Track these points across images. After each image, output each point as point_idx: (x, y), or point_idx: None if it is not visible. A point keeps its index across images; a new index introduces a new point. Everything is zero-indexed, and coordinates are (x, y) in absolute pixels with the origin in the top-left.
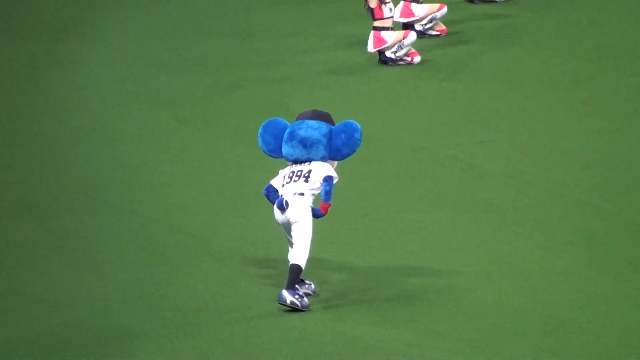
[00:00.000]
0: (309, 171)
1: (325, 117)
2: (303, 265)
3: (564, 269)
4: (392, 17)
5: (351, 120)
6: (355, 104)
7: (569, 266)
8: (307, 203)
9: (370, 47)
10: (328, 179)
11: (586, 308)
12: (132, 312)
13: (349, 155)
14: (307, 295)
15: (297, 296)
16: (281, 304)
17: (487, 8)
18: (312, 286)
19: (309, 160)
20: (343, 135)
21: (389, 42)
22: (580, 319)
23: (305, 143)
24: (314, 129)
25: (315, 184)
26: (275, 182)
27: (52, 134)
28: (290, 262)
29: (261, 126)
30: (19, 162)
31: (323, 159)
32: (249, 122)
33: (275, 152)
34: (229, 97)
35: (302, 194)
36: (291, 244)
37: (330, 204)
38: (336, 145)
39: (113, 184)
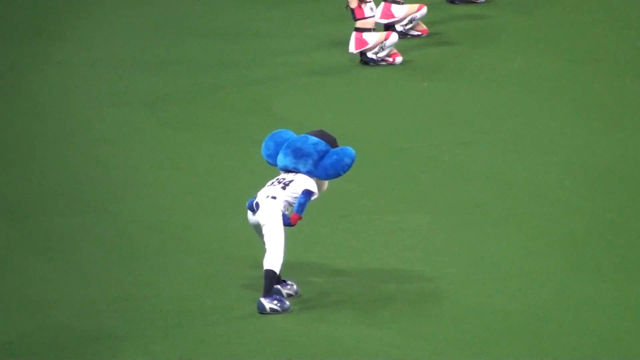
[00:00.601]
0: (291, 181)
1: (329, 139)
2: (277, 270)
3: (546, 270)
4: (373, 16)
5: (349, 148)
6: (336, 105)
7: (551, 267)
8: (277, 207)
9: (352, 48)
10: (306, 193)
11: (568, 309)
12: (115, 314)
13: (333, 176)
14: (289, 296)
15: (275, 301)
16: (261, 312)
17: (468, 9)
18: (295, 287)
19: (296, 171)
20: (334, 157)
21: (371, 43)
22: (562, 319)
23: (297, 153)
24: (311, 144)
25: (293, 194)
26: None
27: (33, 135)
28: (265, 268)
29: (270, 133)
30: None
31: (309, 173)
32: (230, 122)
33: (271, 157)
34: (211, 98)
35: (275, 198)
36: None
37: (300, 217)
38: (324, 164)
39: (95, 185)
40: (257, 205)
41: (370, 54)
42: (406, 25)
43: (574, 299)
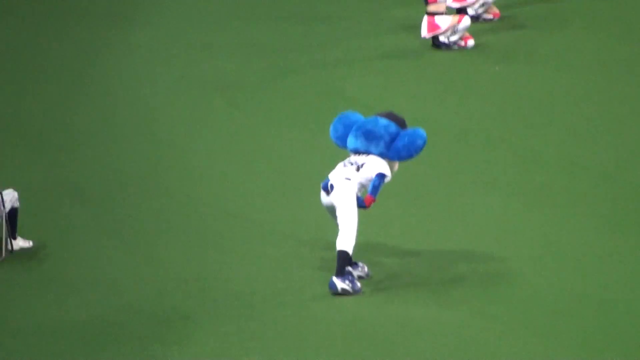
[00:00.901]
0: (363, 164)
1: (398, 120)
2: (350, 251)
3: (617, 251)
4: (445, 1)
5: (420, 129)
6: (408, 88)
7: (622, 248)
8: (352, 189)
9: (424, 32)
10: (380, 175)
11: (638, 289)
12: (186, 295)
13: (407, 158)
14: (360, 278)
15: (347, 282)
16: (333, 292)
17: None
18: (365, 269)
19: (368, 153)
20: (407, 139)
21: (443, 27)
22: (633, 300)
23: (368, 135)
24: (382, 126)
25: (366, 176)
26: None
27: (107, 119)
28: (338, 249)
29: (338, 115)
30: (74, 147)
31: (381, 155)
32: (302, 106)
33: (340, 139)
34: (283, 82)
35: (349, 179)
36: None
37: (375, 199)
38: (397, 146)
39: (166, 168)
40: (332, 186)
41: (442, 38)
42: (478, 8)
43: None
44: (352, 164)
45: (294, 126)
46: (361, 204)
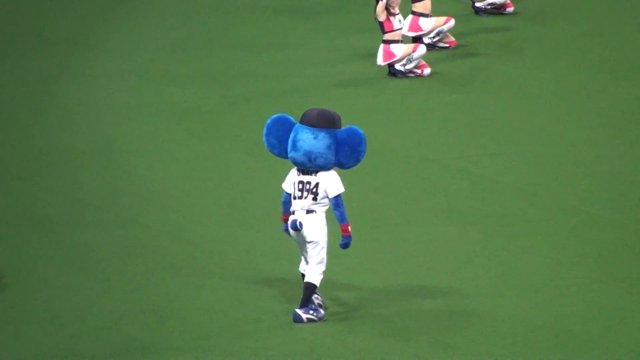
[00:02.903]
0: (317, 184)
1: (330, 122)
2: (318, 284)
3: (575, 282)
4: (401, 28)
5: (355, 129)
6: (365, 116)
7: (580, 279)
8: (320, 221)
9: (380, 60)
10: (336, 200)
11: (597, 321)
12: (143, 325)
13: (354, 166)
14: (319, 306)
15: (311, 312)
16: (298, 322)
17: (495, 20)
18: (320, 297)
19: (316, 169)
20: (347, 147)
21: (398, 55)
22: (591, 331)
23: (310, 156)
24: (317, 141)
25: (324, 199)
26: (287, 187)
27: (63, 146)
28: (306, 280)
29: (265, 126)
30: (30, 174)
31: (328, 167)
32: (259, 134)
33: (280, 155)
34: (239, 110)
35: (314, 212)
36: (306, 260)
37: (348, 223)
38: (339, 158)
39: (124, 196)
40: (301, 224)
41: (398, 66)
42: (434, 37)
43: (603, 312)
44: (307, 191)
45: (250, 154)
46: (346, 242)
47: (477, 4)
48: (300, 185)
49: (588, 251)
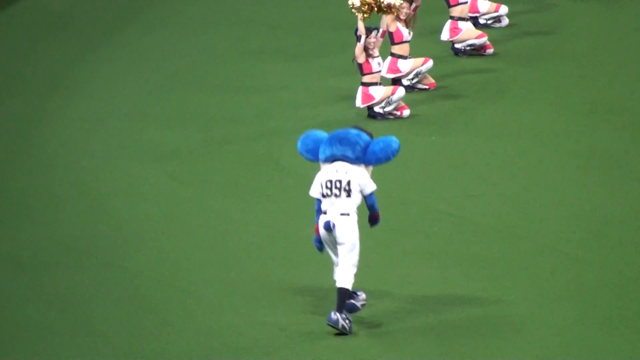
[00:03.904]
0: (348, 182)
1: (366, 133)
2: (350, 287)
3: (556, 323)
4: (380, 71)
5: (391, 136)
6: None
7: (561, 320)
8: (354, 223)
9: (359, 103)
10: (372, 196)
11: None
12: None
13: (384, 160)
14: (362, 306)
15: (347, 321)
16: (331, 325)
17: (475, 61)
18: (363, 295)
19: (345, 158)
20: (381, 143)
21: (377, 98)
22: None
23: (343, 141)
24: (354, 134)
25: (357, 196)
26: (315, 193)
27: (42, 189)
28: (338, 285)
29: (302, 135)
30: (9, 218)
31: (358, 160)
32: (238, 176)
33: (311, 152)
34: (219, 152)
35: (348, 214)
36: (336, 263)
37: (378, 212)
38: (373, 149)
39: (103, 239)
40: (334, 225)
41: (377, 108)
42: (412, 79)
43: (583, 353)
44: (338, 189)
45: (230, 196)
46: (375, 222)
47: (457, 45)
48: (329, 184)
49: (568, 292)
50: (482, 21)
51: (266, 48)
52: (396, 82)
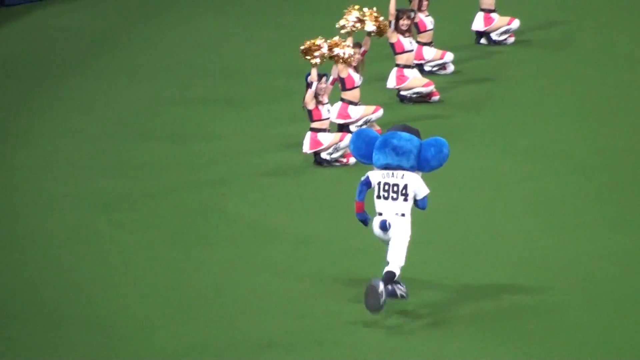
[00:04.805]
0: (405, 186)
1: (415, 132)
2: (398, 273)
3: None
4: (329, 118)
5: (439, 137)
6: (291, 205)
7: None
8: (408, 223)
9: (306, 148)
10: (424, 200)
11: None
12: None
13: (437, 167)
14: (402, 297)
15: (399, 285)
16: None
17: (422, 108)
18: (404, 288)
19: (400, 168)
20: (433, 149)
21: (325, 144)
22: None
23: (398, 151)
24: (406, 140)
25: (412, 199)
26: (374, 178)
27: None
28: (385, 269)
29: (354, 133)
30: None
31: (412, 169)
32: (184, 224)
33: (365, 157)
34: (164, 200)
35: (404, 215)
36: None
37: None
38: (425, 156)
39: (47, 288)
40: (390, 225)
41: (324, 155)
42: (361, 126)
43: None
44: (396, 192)
45: (175, 244)
46: (424, 206)
47: (403, 93)
48: (387, 187)
49: (513, 340)
50: (427, 68)
51: (212, 96)
52: (343, 128)
